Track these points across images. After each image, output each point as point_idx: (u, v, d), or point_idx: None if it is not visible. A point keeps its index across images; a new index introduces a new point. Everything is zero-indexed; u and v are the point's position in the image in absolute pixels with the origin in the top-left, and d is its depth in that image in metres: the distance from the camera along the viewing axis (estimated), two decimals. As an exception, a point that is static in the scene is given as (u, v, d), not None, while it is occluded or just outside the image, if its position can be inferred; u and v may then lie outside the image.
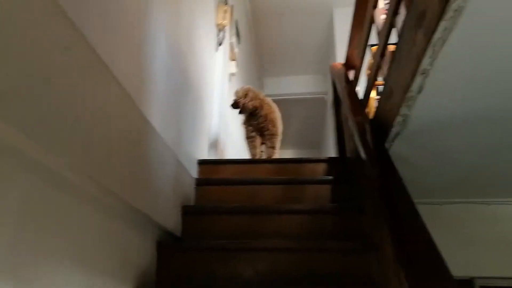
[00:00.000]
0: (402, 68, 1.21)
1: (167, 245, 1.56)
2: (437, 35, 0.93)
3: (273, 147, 2.67)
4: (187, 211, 1.80)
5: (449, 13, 0.86)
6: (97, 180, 0.99)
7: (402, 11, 1.39)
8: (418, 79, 1.11)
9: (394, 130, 1.43)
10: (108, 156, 1.07)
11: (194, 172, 2.10)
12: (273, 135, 2.67)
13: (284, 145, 2.81)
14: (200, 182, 2.06)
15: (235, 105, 2.69)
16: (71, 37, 0.90)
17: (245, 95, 2.67)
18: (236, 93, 2.71)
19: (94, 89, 1.01)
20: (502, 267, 2.13)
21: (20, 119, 0.72)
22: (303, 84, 6.33)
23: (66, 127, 0.87)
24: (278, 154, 2.80)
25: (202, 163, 2.24)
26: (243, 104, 2.66)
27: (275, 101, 2.93)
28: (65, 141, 0.86)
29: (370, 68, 2.59)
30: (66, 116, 0.87)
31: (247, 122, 2.72)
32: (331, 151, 4.56)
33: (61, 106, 0.85)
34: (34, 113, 0.76)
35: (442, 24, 0.89)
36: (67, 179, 0.92)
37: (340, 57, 4.18)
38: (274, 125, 2.68)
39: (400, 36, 1.23)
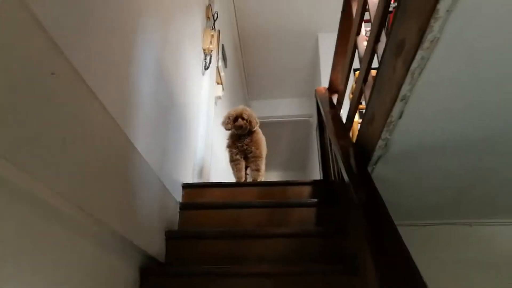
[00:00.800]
0: (383, 94, 1.24)
1: (151, 271, 1.53)
2: (415, 64, 0.96)
3: (257, 170, 2.67)
4: (171, 236, 1.77)
5: (426, 43, 0.89)
6: (83, 208, 0.98)
7: (383, 38, 1.45)
8: (398, 105, 1.15)
9: (376, 153, 1.46)
10: (94, 182, 1.06)
11: (178, 195, 2.09)
12: (257, 157, 2.67)
13: (269, 167, 2.81)
14: (184, 206, 2.04)
15: (238, 124, 2.62)
16: (57, 63, 0.91)
17: (244, 114, 2.65)
18: (242, 111, 2.66)
19: (80, 115, 1.01)
20: (486, 289, 2.14)
21: (4, 144, 0.71)
22: (289, 106, 6.40)
23: (52, 153, 0.86)
24: (264, 176, 2.80)
25: (187, 186, 2.22)
26: (246, 124, 2.63)
27: (261, 123, 2.94)
28: (50, 167, 0.85)
29: (353, 92, 2.65)
30: (52, 142, 0.87)
31: (232, 145, 2.71)
32: (316, 173, 4.59)
33: (47, 132, 0.85)
34: (20, 138, 0.75)
35: (420, 53, 0.93)
36: (49, 204, 0.91)
37: (325, 80, 4.25)
38: (258, 147, 2.68)
39: (381, 63, 1.26)
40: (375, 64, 1.64)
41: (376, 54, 1.51)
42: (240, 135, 2.67)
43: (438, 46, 0.90)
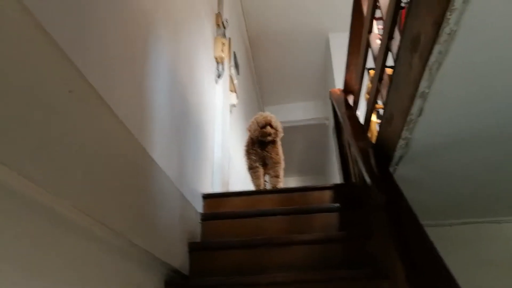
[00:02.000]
0: (401, 92, 1.21)
1: (175, 285, 1.53)
2: (432, 58, 0.93)
3: (277, 176, 2.65)
4: (194, 248, 1.76)
5: (443, 37, 0.86)
6: (103, 222, 0.98)
7: (397, 35, 1.42)
8: (417, 102, 1.11)
9: (397, 153, 1.42)
10: (113, 196, 1.06)
11: (199, 206, 2.08)
12: (276, 163, 2.64)
13: (287, 172, 2.78)
14: (205, 217, 2.04)
15: (266, 131, 2.60)
16: (74, 80, 0.92)
17: (273, 122, 2.64)
18: (271, 119, 2.64)
19: (97, 129, 1.01)
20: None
21: (23, 161, 0.72)
22: (304, 110, 6.36)
23: (72, 169, 0.87)
24: (283, 182, 2.77)
25: (207, 197, 2.21)
26: (274, 132, 2.61)
27: (276, 129, 2.91)
28: (70, 182, 0.85)
29: (369, 92, 2.61)
30: (70, 158, 0.87)
31: (252, 151, 2.68)
32: (336, 176, 4.53)
33: (65, 147, 0.85)
34: (37, 155, 0.76)
35: (437, 48, 0.90)
36: (73, 221, 0.91)
37: (339, 81, 4.23)
38: (277, 153, 2.66)
39: (396, 60, 1.23)
40: (389, 62, 1.61)
41: (390, 52, 1.48)
42: (262, 142, 2.65)
43: (456, 38, 0.87)
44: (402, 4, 1.40)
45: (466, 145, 1.37)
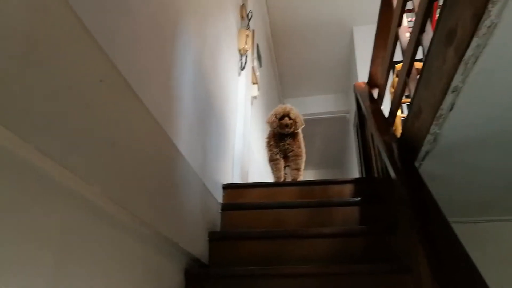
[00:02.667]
0: (432, 86, 1.18)
1: (195, 273, 1.54)
2: (469, 52, 0.91)
3: (298, 169, 2.63)
4: (214, 237, 1.78)
5: (482, 30, 0.84)
6: (129, 209, 0.99)
7: (428, 28, 1.38)
8: (449, 97, 1.09)
9: (424, 149, 1.40)
10: (141, 185, 1.07)
11: (219, 196, 2.09)
12: (297, 156, 2.63)
13: (306, 165, 2.77)
14: (225, 207, 2.05)
15: (284, 123, 2.59)
16: (105, 70, 0.93)
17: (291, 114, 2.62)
18: (289, 110, 2.63)
19: (126, 118, 1.02)
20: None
21: (59, 150, 0.73)
22: (324, 103, 6.30)
23: (101, 156, 0.88)
24: (303, 175, 2.76)
25: (227, 187, 2.22)
26: (292, 124, 2.60)
27: (296, 122, 2.89)
28: (99, 170, 0.87)
29: (394, 86, 2.57)
30: (101, 144, 0.89)
31: (274, 143, 2.68)
32: (354, 170, 4.49)
33: (95, 134, 0.87)
34: (71, 143, 0.77)
35: (475, 41, 0.87)
36: (103, 209, 0.93)
37: (361, 75, 4.16)
38: (299, 146, 2.65)
39: (428, 53, 1.21)
40: (418, 56, 1.58)
41: (421, 45, 1.44)
42: (282, 134, 2.64)
43: (495, 32, 0.84)
44: (435, -3, 1.36)
45: (495, 140, 1.34)
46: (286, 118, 2.57)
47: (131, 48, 1.09)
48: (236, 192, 2.23)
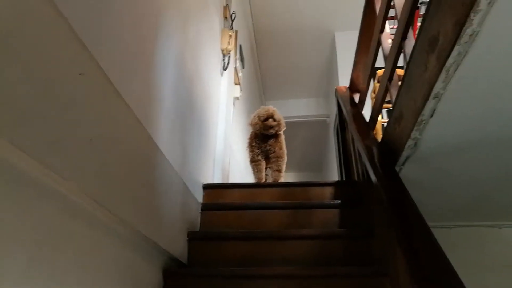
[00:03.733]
0: (413, 92, 1.20)
1: (174, 273, 1.53)
2: (450, 59, 0.93)
3: (279, 170, 2.64)
4: (194, 237, 1.76)
5: (464, 38, 0.86)
6: (108, 208, 0.97)
7: (410, 35, 1.41)
8: (430, 103, 1.11)
9: (404, 153, 1.42)
10: (118, 182, 1.05)
11: (199, 196, 2.08)
12: (279, 157, 2.64)
13: (286, 168, 2.78)
14: (205, 207, 2.03)
15: (268, 124, 2.57)
16: (85, 63, 0.91)
17: (275, 116, 2.60)
18: (273, 112, 2.60)
19: (106, 113, 1.00)
20: (515, 292, 2.07)
21: (35, 145, 0.71)
22: (305, 107, 6.35)
23: (79, 151, 0.86)
24: (284, 177, 2.77)
25: (207, 187, 2.21)
26: (276, 125, 2.59)
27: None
28: (78, 166, 0.85)
29: (375, 91, 2.60)
30: (79, 140, 0.86)
31: (256, 145, 2.67)
32: (334, 174, 4.54)
33: (74, 130, 0.84)
34: (49, 139, 0.75)
35: (456, 49, 0.89)
36: (79, 206, 0.90)
37: (343, 80, 4.22)
38: (281, 148, 2.65)
39: (410, 60, 1.23)
40: (399, 62, 1.60)
41: (402, 52, 1.47)
42: (264, 135, 2.64)
43: (477, 40, 0.86)
44: (418, 4, 1.38)
45: (474, 148, 1.37)
46: (271, 120, 2.57)
47: (112, 43, 1.07)
48: (216, 192, 2.22)
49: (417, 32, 1.17)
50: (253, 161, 2.66)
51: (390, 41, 1.69)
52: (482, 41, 0.86)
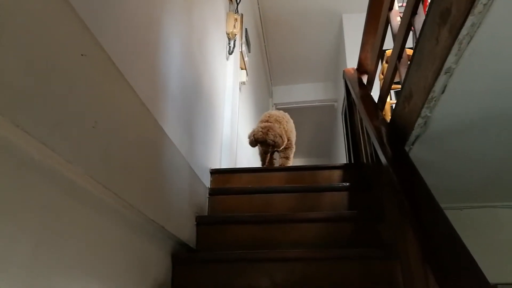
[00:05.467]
0: (424, 68, 1.17)
1: (183, 257, 1.53)
2: (464, 31, 0.89)
3: (287, 157, 2.63)
4: (201, 222, 1.76)
5: (478, 8, 0.82)
6: (115, 191, 0.96)
7: (420, 11, 1.36)
8: (441, 79, 1.07)
9: (414, 133, 1.39)
10: (125, 166, 1.04)
11: (207, 181, 2.07)
12: (288, 148, 2.64)
13: (294, 154, 2.76)
14: (213, 192, 2.03)
15: (263, 149, 2.56)
16: (87, 44, 0.89)
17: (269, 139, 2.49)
18: (266, 136, 2.48)
19: (110, 96, 0.99)
20: (526, 273, 2.05)
21: (38, 126, 0.69)
22: (313, 91, 6.29)
23: (84, 134, 0.84)
24: (291, 163, 2.76)
25: (215, 172, 2.20)
26: (273, 144, 2.51)
27: (283, 110, 2.89)
28: (82, 149, 0.83)
29: (383, 73, 2.56)
30: (83, 123, 0.85)
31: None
32: (342, 160, 4.50)
33: (77, 112, 0.83)
34: (52, 120, 0.73)
35: (470, 19, 0.85)
36: (85, 190, 0.89)
37: (350, 63, 4.14)
38: (289, 139, 2.62)
39: (420, 35, 1.19)
40: (408, 43, 1.56)
41: (412, 29, 1.42)
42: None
43: (491, 10, 0.82)
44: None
45: (486, 126, 1.33)
46: (269, 139, 2.46)
47: (115, 24, 1.05)
48: (224, 177, 2.21)
49: (427, 5, 1.13)
50: (260, 154, 2.66)
51: (399, 18, 1.64)
52: (497, 10, 0.82)
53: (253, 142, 2.52)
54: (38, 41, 0.72)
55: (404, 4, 1.51)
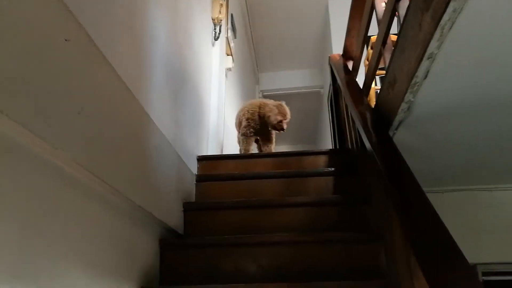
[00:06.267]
0: (407, 53, 1.18)
1: (170, 243, 1.54)
2: (445, 17, 0.90)
3: (270, 141, 2.68)
4: (189, 208, 1.77)
5: (459, -7, 0.83)
6: (101, 177, 0.96)
7: (405, -4, 1.37)
8: (424, 64, 1.09)
9: (397, 118, 1.41)
10: (111, 152, 1.04)
11: (194, 168, 2.08)
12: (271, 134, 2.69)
13: (279, 140, 2.79)
14: (200, 178, 2.03)
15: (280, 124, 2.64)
16: (71, 29, 0.88)
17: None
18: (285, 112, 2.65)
19: (95, 82, 0.98)
20: (504, 252, 2.12)
21: (22, 112, 0.69)
22: (299, 78, 6.29)
23: (70, 120, 0.84)
24: (274, 148, 2.79)
25: (202, 159, 2.21)
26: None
27: (270, 96, 2.90)
28: (68, 135, 0.83)
29: (368, 59, 2.57)
30: (69, 109, 0.84)
31: (253, 125, 2.67)
32: (328, 145, 4.54)
33: (63, 98, 0.82)
34: (36, 106, 0.73)
35: (452, 5, 0.87)
36: (72, 176, 0.89)
37: (336, 50, 4.15)
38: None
39: (404, 21, 1.20)
40: (392, 29, 1.57)
41: (396, 15, 1.44)
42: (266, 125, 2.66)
43: (472, -5, 0.84)
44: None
45: (467, 111, 1.37)
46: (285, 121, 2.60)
47: (100, 9, 1.03)
48: (211, 163, 2.21)
49: (411, -9, 1.14)
50: (245, 135, 2.66)
51: (383, 4, 1.65)
52: (478, -4, 0.84)
53: (276, 118, 2.61)
54: (20, 26, 0.71)
55: (389, -10, 1.51)
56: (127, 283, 1.18)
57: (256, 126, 2.63)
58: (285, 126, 2.62)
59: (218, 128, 2.82)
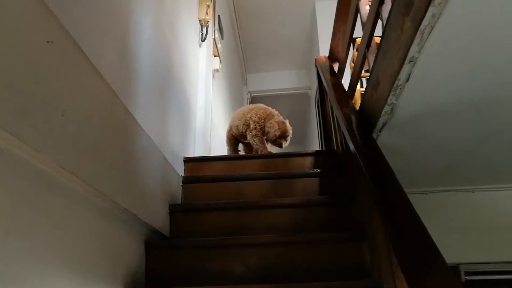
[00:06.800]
0: (390, 57, 1.20)
1: (156, 245, 1.53)
2: (425, 21, 0.93)
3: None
4: (175, 210, 1.77)
5: (438, -1, 0.85)
6: (85, 180, 0.96)
7: (388, 0, 1.40)
8: (406, 68, 1.11)
9: (381, 120, 1.43)
10: (96, 155, 1.04)
11: (180, 169, 2.07)
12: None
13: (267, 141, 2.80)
14: (186, 180, 2.03)
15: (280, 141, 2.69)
16: (53, 31, 0.87)
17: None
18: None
19: (79, 84, 0.97)
20: (486, 252, 2.17)
21: (3, 115, 0.68)
22: (287, 79, 6.32)
23: (52, 123, 0.84)
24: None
25: (188, 160, 2.20)
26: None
27: (258, 98, 2.91)
28: (51, 138, 0.83)
29: (354, 60, 2.60)
30: (52, 112, 0.84)
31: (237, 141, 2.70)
32: (315, 146, 4.57)
33: (45, 100, 0.82)
34: (18, 109, 0.72)
35: (431, 10, 0.89)
36: (56, 179, 0.89)
37: (323, 51, 4.18)
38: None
39: (387, 24, 1.22)
40: (377, 31, 1.60)
41: (380, 18, 1.46)
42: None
43: (450, 1, 0.86)
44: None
45: (449, 113, 1.39)
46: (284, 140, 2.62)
47: (82, 10, 1.03)
48: (197, 165, 2.21)
49: (393, -4, 1.16)
50: (256, 136, 2.69)
51: (368, 7, 1.67)
52: (456, 1, 0.86)
53: (275, 135, 2.63)
54: (2, 28, 0.70)
55: (373, -7, 1.54)
56: (112, 286, 1.18)
57: (258, 132, 2.68)
58: (284, 145, 2.65)
59: (205, 129, 2.81)
